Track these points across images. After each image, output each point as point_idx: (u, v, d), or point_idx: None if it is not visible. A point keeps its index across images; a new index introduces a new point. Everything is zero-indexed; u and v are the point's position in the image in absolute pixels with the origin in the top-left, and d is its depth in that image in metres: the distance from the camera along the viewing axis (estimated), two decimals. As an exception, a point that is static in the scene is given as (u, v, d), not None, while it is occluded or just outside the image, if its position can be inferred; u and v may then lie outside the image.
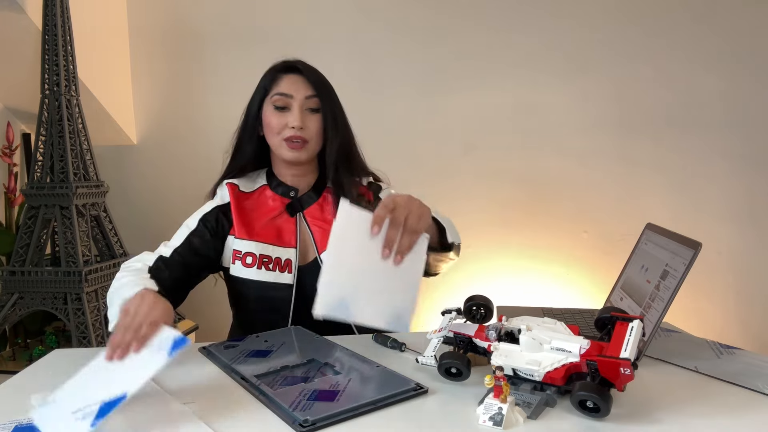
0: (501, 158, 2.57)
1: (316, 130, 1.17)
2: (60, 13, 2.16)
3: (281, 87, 1.17)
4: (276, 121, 1.16)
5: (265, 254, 1.16)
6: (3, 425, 0.74)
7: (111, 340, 0.83)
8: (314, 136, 1.17)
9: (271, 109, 1.17)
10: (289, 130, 1.15)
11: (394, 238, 0.88)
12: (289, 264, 1.17)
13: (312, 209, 1.22)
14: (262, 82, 1.21)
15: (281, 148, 1.17)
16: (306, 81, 1.17)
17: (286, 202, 1.22)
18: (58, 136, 2.20)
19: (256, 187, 1.23)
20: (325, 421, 0.73)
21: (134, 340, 0.82)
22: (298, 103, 1.15)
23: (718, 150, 2.47)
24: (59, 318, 2.18)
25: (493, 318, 0.94)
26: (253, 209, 1.20)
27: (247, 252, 1.16)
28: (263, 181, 1.24)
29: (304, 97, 1.16)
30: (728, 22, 2.41)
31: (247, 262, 1.15)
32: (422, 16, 2.55)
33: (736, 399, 0.82)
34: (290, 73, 1.19)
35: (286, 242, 1.18)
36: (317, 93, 1.17)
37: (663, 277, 0.99)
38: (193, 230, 1.17)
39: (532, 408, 0.76)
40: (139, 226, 2.68)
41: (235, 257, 1.16)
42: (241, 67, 2.61)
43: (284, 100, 1.16)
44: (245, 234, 1.16)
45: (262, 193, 1.22)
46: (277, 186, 1.23)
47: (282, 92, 1.16)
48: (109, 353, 0.82)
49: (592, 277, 2.54)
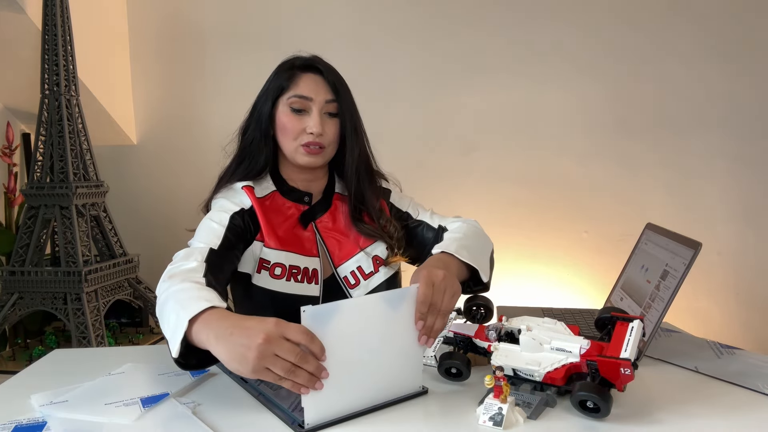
0: (501, 158, 2.57)
1: (334, 135, 1.09)
2: (60, 13, 2.16)
3: (300, 88, 1.07)
4: (293, 125, 1.07)
5: (294, 265, 1.07)
6: (3, 425, 0.74)
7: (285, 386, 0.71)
8: (332, 142, 1.09)
9: (287, 111, 1.08)
10: (307, 135, 1.06)
11: (433, 325, 0.81)
12: (316, 275, 1.09)
13: (324, 219, 1.14)
14: (277, 80, 1.10)
15: (297, 153, 1.08)
16: (326, 82, 1.08)
17: (301, 208, 1.13)
18: (58, 136, 2.20)
19: (266, 192, 1.12)
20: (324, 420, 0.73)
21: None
22: (317, 107, 1.06)
23: (717, 150, 2.47)
24: (59, 318, 2.18)
25: (493, 318, 0.94)
26: (273, 216, 1.10)
27: (276, 263, 1.06)
28: (272, 186, 1.13)
29: (324, 100, 1.07)
30: (728, 22, 2.41)
31: (275, 273, 1.06)
32: (422, 16, 2.55)
33: (736, 399, 0.82)
34: (309, 72, 1.09)
35: (308, 251, 1.09)
36: (337, 97, 1.08)
37: (663, 277, 0.99)
38: (227, 226, 1.03)
39: (532, 408, 0.75)
40: (139, 226, 2.68)
41: (262, 267, 1.06)
42: (241, 67, 2.61)
43: (303, 102, 1.07)
44: (275, 243, 1.06)
45: (275, 200, 1.11)
46: (289, 192, 1.13)
47: (301, 94, 1.06)
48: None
49: (592, 277, 2.54)
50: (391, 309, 0.78)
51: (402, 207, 1.21)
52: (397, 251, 1.14)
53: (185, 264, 0.91)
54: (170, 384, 0.87)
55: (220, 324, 0.74)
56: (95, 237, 2.33)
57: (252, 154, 1.12)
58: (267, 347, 0.68)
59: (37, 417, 0.77)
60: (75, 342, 2.12)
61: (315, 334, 0.70)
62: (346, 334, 0.73)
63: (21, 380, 0.93)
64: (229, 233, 1.01)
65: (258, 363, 0.68)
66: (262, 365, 0.69)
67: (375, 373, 0.78)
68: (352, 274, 1.10)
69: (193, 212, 1.25)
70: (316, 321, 0.71)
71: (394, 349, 0.79)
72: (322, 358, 0.71)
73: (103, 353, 1.10)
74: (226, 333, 0.72)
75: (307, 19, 2.58)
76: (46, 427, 0.74)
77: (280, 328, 0.70)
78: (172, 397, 0.83)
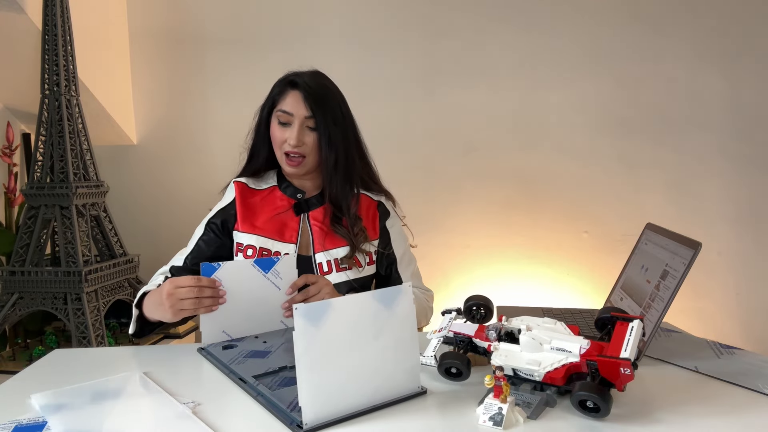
0: (501, 158, 2.57)
1: (313, 146, 1.22)
2: (60, 13, 2.16)
3: (285, 104, 1.22)
4: (278, 135, 1.23)
5: (265, 247, 1.22)
6: (3, 425, 0.74)
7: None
8: (311, 151, 1.23)
9: (275, 123, 1.24)
10: (287, 145, 1.21)
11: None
12: None
13: (317, 212, 1.27)
14: (272, 92, 1.26)
15: (282, 161, 1.25)
16: (304, 101, 1.21)
17: (294, 202, 1.28)
18: (58, 136, 2.20)
19: (266, 185, 1.30)
20: (323, 421, 0.73)
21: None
22: (298, 121, 1.21)
23: (718, 150, 2.47)
24: (59, 318, 2.18)
25: (493, 318, 0.94)
26: (259, 205, 1.27)
27: (249, 245, 1.23)
28: (274, 182, 1.31)
29: (304, 116, 1.21)
30: (729, 21, 2.41)
31: (247, 254, 1.22)
32: (422, 16, 2.55)
33: (736, 399, 0.82)
34: (295, 89, 1.22)
35: (287, 238, 1.24)
36: (314, 114, 1.21)
37: (663, 277, 0.99)
38: (200, 235, 1.27)
39: (532, 408, 0.75)
40: (139, 226, 2.68)
41: (237, 250, 1.24)
42: (241, 67, 2.61)
43: (286, 116, 1.22)
44: (248, 228, 1.24)
45: (272, 192, 1.29)
46: (287, 187, 1.29)
47: (284, 110, 1.22)
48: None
49: (592, 277, 2.54)
50: (384, 307, 0.79)
51: (396, 248, 1.32)
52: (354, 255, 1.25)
53: (153, 280, 1.23)
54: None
55: (148, 301, 1.11)
56: (95, 237, 2.33)
57: (255, 155, 1.31)
58: (171, 297, 1.00)
59: (37, 417, 0.77)
60: (75, 342, 2.12)
61: (308, 332, 0.72)
62: (339, 333, 0.74)
63: (21, 380, 0.93)
64: (201, 241, 1.26)
65: (172, 308, 1.00)
66: (177, 308, 1.00)
67: (372, 373, 0.78)
68: (327, 263, 1.23)
69: (193, 212, 1.26)
70: (307, 318, 0.72)
71: (389, 348, 0.79)
72: (215, 286, 1.02)
73: (103, 353, 1.10)
74: (151, 303, 1.09)
75: (306, 19, 2.58)
76: (46, 426, 0.74)
77: (173, 283, 1.01)
78: (172, 396, 0.83)
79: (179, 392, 0.84)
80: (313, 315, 0.72)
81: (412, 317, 0.82)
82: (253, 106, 1.31)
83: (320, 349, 0.73)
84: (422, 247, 1.43)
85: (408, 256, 1.35)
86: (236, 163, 1.35)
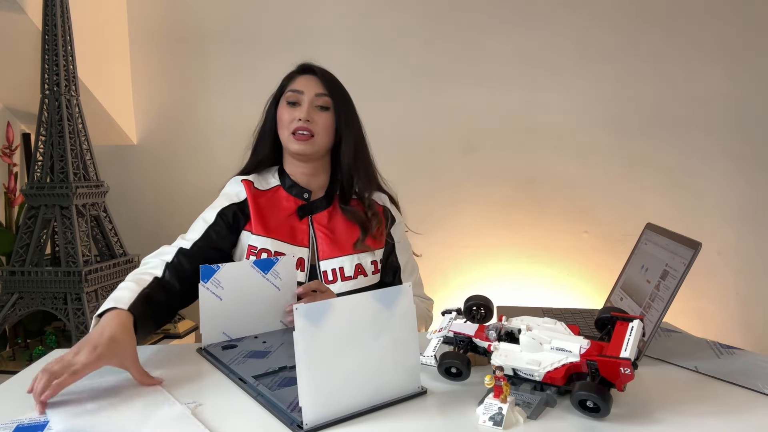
0: (501, 158, 2.57)
1: (323, 125, 1.21)
2: (60, 13, 2.16)
3: (295, 84, 1.23)
4: (286, 116, 1.21)
5: (280, 251, 1.19)
6: (4, 425, 0.74)
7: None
8: (321, 131, 1.21)
9: (284, 105, 1.23)
10: (296, 122, 1.19)
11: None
12: (302, 263, 1.20)
13: (321, 216, 1.25)
14: (280, 84, 1.27)
15: (289, 141, 1.21)
16: (318, 81, 1.22)
17: (300, 203, 1.25)
18: (58, 136, 2.19)
19: (270, 186, 1.27)
20: (323, 421, 0.73)
21: (47, 388, 0.78)
22: (308, 99, 1.20)
23: (718, 150, 2.47)
24: (59, 318, 2.18)
25: (493, 318, 0.94)
26: (268, 207, 1.24)
27: (263, 248, 1.19)
28: (276, 181, 1.27)
29: (315, 94, 1.21)
30: (729, 21, 2.41)
31: (262, 258, 1.19)
32: (422, 16, 2.55)
33: (736, 399, 0.82)
34: (305, 74, 1.25)
35: (299, 241, 1.22)
36: (328, 92, 1.21)
37: (663, 277, 0.99)
38: (211, 224, 1.19)
39: (532, 408, 0.75)
40: (139, 226, 2.68)
41: (250, 252, 1.19)
42: (241, 66, 2.61)
43: (296, 96, 1.21)
44: (262, 230, 1.20)
45: (276, 193, 1.26)
46: (291, 187, 1.26)
47: (294, 89, 1.22)
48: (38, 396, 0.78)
49: (592, 277, 2.54)
50: (384, 307, 0.79)
51: (400, 256, 1.31)
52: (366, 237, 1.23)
53: (150, 260, 1.12)
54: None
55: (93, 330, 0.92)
56: (95, 237, 2.33)
57: (259, 149, 1.29)
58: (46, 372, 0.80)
59: (38, 417, 0.77)
60: (75, 342, 2.11)
61: (308, 332, 0.71)
62: (339, 333, 0.74)
63: (21, 380, 0.93)
64: (212, 230, 1.18)
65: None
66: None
67: (372, 373, 0.78)
68: (332, 271, 1.21)
69: (193, 212, 1.26)
70: (308, 318, 0.71)
71: (390, 348, 0.79)
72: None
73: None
74: (94, 328, 0.94)
75: (306, 18, 2.58)
76: (47, 426, 0.74)
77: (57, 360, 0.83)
78: (172, 396, 0.83)
79: (179, 392, 0.84)
80: (314, 315, 0.72)
81: (412, 317, 0.81)
82: (254, 106, 1.32)
83: (320, 349, 0.73)
84: (422, 247, 1.43)
85: (411, 264, 1.34)
86: (237, 163, 1.34)
